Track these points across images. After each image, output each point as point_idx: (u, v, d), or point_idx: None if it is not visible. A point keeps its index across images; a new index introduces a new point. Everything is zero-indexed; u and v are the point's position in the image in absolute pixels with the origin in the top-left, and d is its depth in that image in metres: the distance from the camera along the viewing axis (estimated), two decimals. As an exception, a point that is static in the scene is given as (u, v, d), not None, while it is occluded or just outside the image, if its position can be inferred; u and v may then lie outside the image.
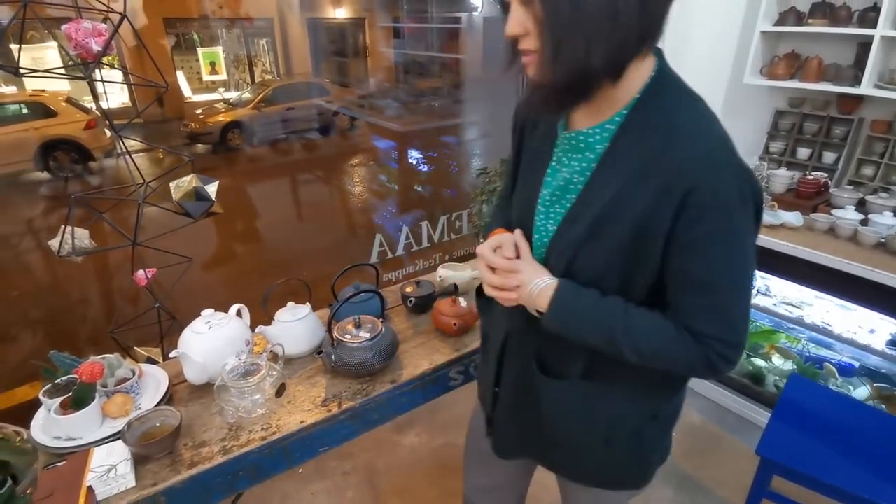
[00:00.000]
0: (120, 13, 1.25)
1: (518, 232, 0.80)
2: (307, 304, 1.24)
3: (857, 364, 1.91)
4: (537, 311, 0.75)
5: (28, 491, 0.87)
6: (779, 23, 2.05)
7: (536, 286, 0.74)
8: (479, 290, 0.92)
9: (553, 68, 0.61)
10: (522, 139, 0.85)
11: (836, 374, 1.90)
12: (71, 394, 0.95)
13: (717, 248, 0.64)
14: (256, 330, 1.19)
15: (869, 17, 1.81)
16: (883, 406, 1.80)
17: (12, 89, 2.20)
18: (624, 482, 0.90)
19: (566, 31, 0.59)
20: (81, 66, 1.26)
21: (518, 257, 0.78)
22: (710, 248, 0.64)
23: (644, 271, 0.69)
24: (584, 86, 0.63)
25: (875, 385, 1.84)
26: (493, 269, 0.79)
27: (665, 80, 0.67)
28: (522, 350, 0.84)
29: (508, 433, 0.94)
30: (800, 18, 2.00)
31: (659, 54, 0.68)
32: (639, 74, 0.66)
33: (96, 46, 1.21)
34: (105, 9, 1.26)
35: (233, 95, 2.94)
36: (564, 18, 0.58)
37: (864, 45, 1.86)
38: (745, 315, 0.69)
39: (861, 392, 1.86)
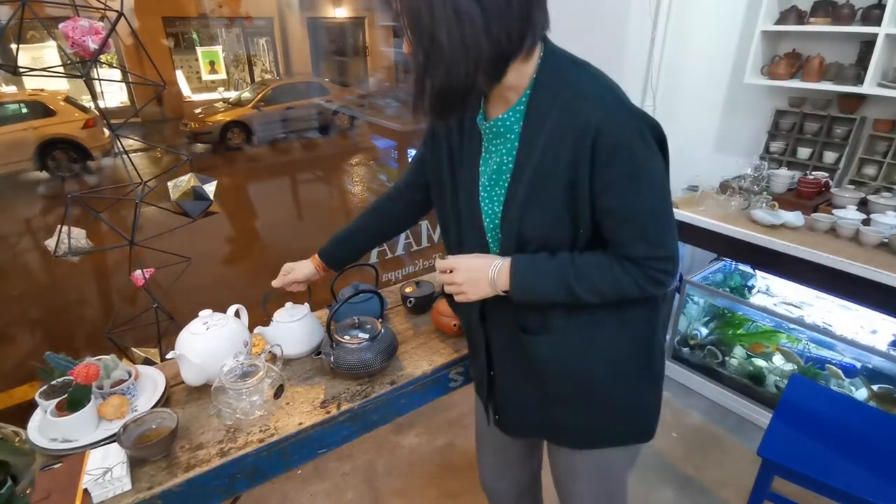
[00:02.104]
0: (117, 11, 1.24)
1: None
2: (305, 304, 1.23)
3: (858, 365, 1.90)
4: (504, 292, 0.84)
5: (28, 491, 0.87)
6: (780, 22, 2.04)
7: (495, 268, 0.83)
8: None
9: (423, 87, 0.73)
10: (449, 136, 0.91)
11: (842, 376, 1.89)
12: (66, 395, 0.95)
13: (630, 183, 0.74)
14: (255, 331, 1.18)
15: (873, 14, 1.81)
16: (884, 407, 1.79)
17: (12, 89, 2.19)
18: (630, 432, 0.95)
19: (429, 61, 0.70)
20: (79, 64, 1.25)
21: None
22: (624, 184, 0.74)
23: (584, 218, 0.78)
24: (456, 99, 0.74)
25: (877, 386, 1.83)
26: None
27: (552, 58, 0.78)
28: (501, 322, 0.92)
29: (512, 410, 1.00)
30: (801, 17, 2.00)
31: (544, 38, 0.78)
32: (530, 62, 0.77)
33: (93, 45, 1.20)
34: (102, 7, 1.26)
35: (232, 95, 2.93)
36: (426, 51, 0.70)
37: (868, 44, 1.85)
38: (670, 231, 0.79)
39: (863, 393, 1.85)
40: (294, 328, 1.17)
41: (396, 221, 1.16)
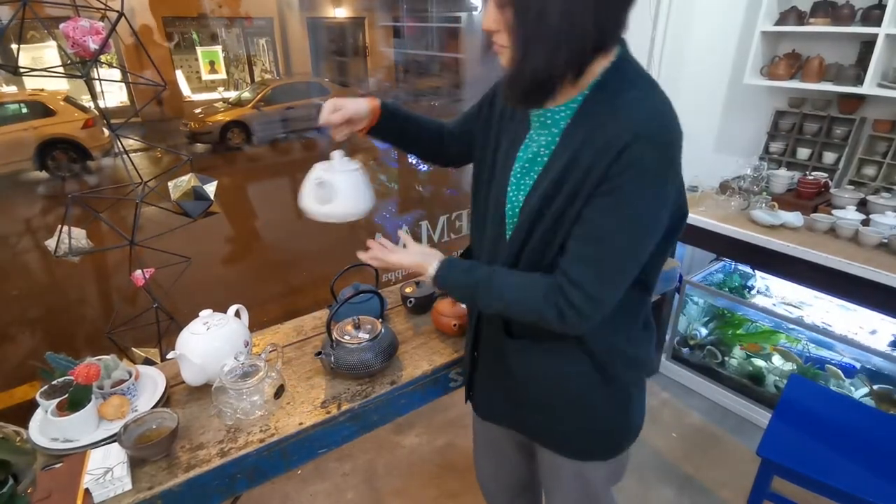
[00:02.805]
0: (117, 11, 1.24)
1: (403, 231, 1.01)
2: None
3: (858, 365, 1.90)
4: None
5: (29, 491, 0.87)
6: (779, 22, 2.04)
7: (432, 269, 0.90)
8: None
9: (520, 68, 0.70)
10: (502, 119, 0.91)
11: (842, 376, 1.89)
12: (67, 395, 0.95)
13: (618, 205, 0.70)
14: (312, 176, 0.96)
15: (873, 14, 1.81)
16: (884, 407, 1.79)
17: (12, 89, 2.19)
18: (596, 448, 0.95)
19: (532, 40, 0.68)
20: (79, 64, 1.25)
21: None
22: (612, 203, 0.70)
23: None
24: (547, 85, 0.71)
25: (877, 386, 1.84)
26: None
27: (622, 65, 0.74)
28: (492, 316, 0.93)
29: (487, 396, 1.03)
30: (801, 18, 2.00)
31: (622, 43, 0.76)
32: (600, 63, 0.74)
33: (93, 45, 1.20)
34: (103, 7, 1.26)
35: (232, 95, 2.93)
36: (530, 29, 0.67)
37: (868, 44, 1.85)
38: (616, 277, 0.74)
39: (862, 393, 1.86)
40: (344, 179, 0.94)
41: (438, 145, 1.08)
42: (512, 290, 0.80)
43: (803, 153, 2.18)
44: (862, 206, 1.89)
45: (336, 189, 0.92)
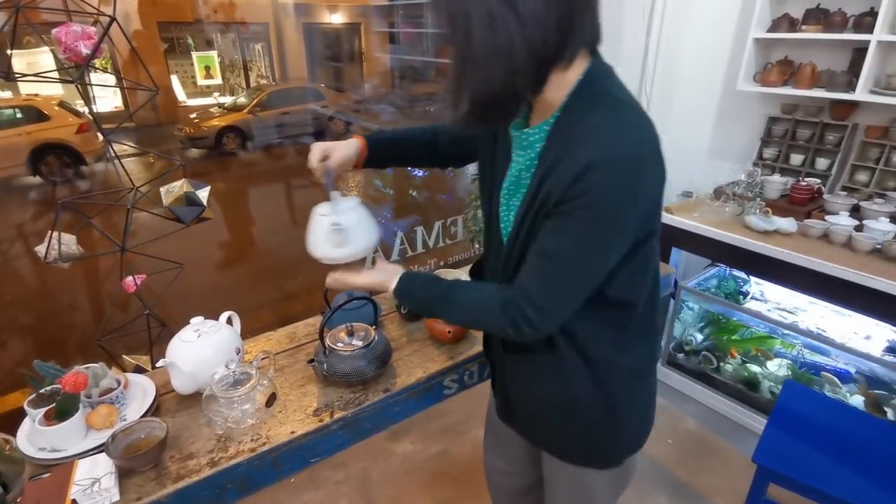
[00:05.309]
0: (109, 16, 1.24)
1: None
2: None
3: (852, 370, 1.90)
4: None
5: (18, 501, 0.86)
6: (772, 30, 2.06)
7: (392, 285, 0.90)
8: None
9: (460, 95, 0.71)
10: (495, 141, 0.91)
11: (838, 382, 1.89)
12: (55, 404, 0.93)
13: (567, 229, 0.71)
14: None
15: (865, 22, 1.82)
16: (878, 412, 1.79)
17: (7, 94, 2.18)
18: (592, 457, 0.95)
19: (466, 58, 0.68)
20: (72, 69, 1.24)
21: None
22: (567, 224, 0.71)
23: None
24: (497, 105, 0.71)
25: (871, 391, 1.84)
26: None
27: (590, 83, 0.73)
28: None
29: (501, 398, 1.05)
30: (793, 25, 2.02)
31: (594, 53, 0.75)
32: (569, 79, 0.72)
33: (85, 50, 1.19)
34: (95, 12, 1.25)
35: (228, 100, 2.93)
36: (462, 53, 0.68)
37: (860, 51, 1.87)
38: (564, 292, 0.76)
39: (857, 399, 1.86)
40: (355, 219, 0.93)
41: (432, 151, 1.09)
42: (470, 305, 0.83)
43: (796, 159, 2.19)
44: (855, 211, 1.90)
45: (349, 230, 0.92)
